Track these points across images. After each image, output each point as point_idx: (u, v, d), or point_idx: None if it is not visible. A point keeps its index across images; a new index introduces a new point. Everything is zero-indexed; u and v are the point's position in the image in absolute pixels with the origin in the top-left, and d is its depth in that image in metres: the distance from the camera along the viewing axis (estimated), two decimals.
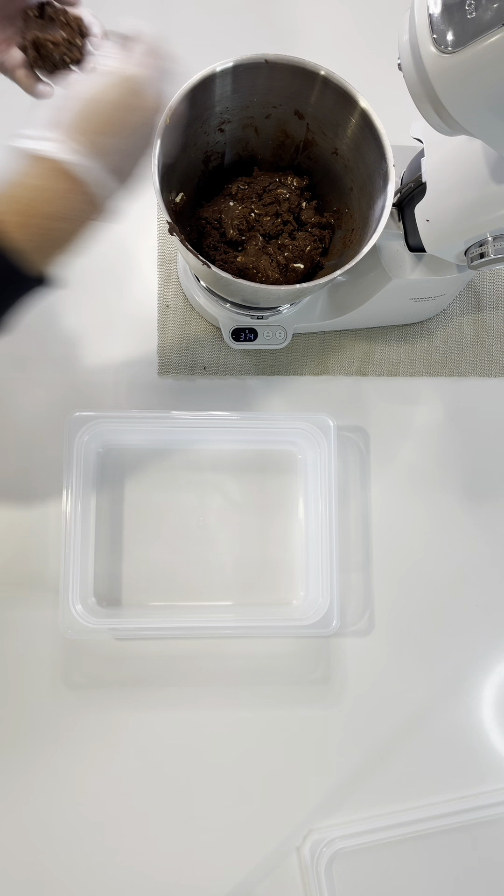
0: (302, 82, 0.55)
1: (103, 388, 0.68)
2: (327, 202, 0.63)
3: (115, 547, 0.65)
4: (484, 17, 0.34)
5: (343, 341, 0.71)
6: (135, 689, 0.63)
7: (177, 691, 0.64)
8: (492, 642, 0.67)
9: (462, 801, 0.64)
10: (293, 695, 0.65)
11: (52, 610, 0.63)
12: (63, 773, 0.62)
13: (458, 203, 0.51)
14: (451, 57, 0.36)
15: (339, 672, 0.65)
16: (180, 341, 0.69)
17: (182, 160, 0.58)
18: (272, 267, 0.60)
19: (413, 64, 0.38)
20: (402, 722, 0.65)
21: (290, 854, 0.62)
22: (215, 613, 0.65)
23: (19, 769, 0.62)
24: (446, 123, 0.40)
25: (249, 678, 0.64)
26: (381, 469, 0.69)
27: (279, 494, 0.67)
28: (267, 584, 0.66)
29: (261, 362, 0.70)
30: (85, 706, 0.63)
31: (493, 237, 0.52)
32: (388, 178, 0.53)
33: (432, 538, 0.68)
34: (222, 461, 0.67)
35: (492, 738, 0.66)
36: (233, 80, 0.55)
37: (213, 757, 0.63)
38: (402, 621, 0.67)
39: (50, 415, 0.66)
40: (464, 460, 0.70)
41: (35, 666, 0.63)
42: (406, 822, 0.62)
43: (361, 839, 0.61)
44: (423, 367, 0.72)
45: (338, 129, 0.57)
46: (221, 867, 0.62)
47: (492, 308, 0.73)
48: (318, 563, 0.63)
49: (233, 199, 0.62)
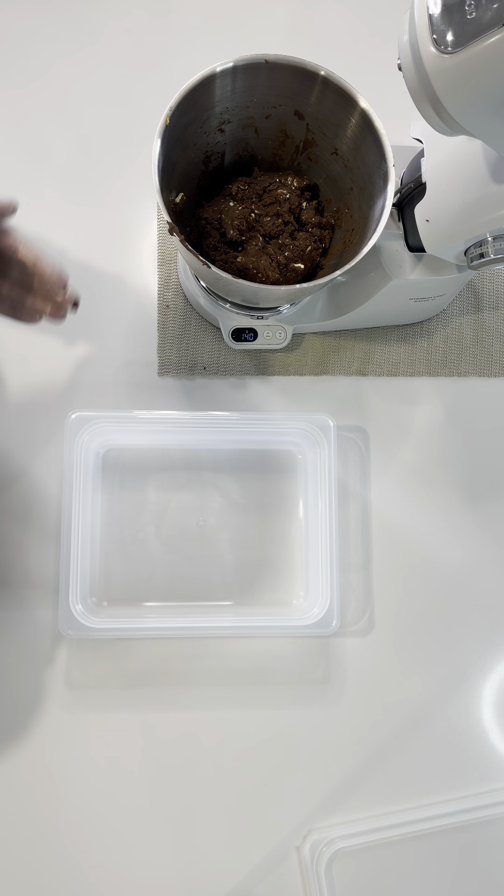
0: (302, 82, 0.55)
1: (103, 388, 0.68)
2: (327, 202, 0.63)
3: (114, 547, 0.65)
4: (484, 17, 0.34)
5: (343, 341, 0.71)
6: (135, 689, 0.63)
7: (177, 691, 0.64)
8: (492, 642, 0.67)
9: (462, 801, 0.64)
10: (293, 695, 0.65)
11: (52, 610, 0.64)
12: (63, 772, 0.62)
13: (458, 203, 0.51)
14: (451, 57, 0.36)
15: (339, 672, 0.65)
16: (180, 341, 0.69)
17: (182, 160, 0.58)
18: (272, 267, 0.60)
19: (413, 64, 0.38)
20: (401, 722, 0.65)
21: (290, 854, 0.62)
22: (215, 613, 0.65)
23: (19, 769, 0.62)
24: (446, 123, 0.40)
25: (249, 678, 0.64)
26: (381, 469, 0.69)
27: (279, 494, 0.67)
28: (267, 584, 0.66)
29: (261, 362, 0.70)
30: (85, 706, 0.63)
31: (492, 237, 0.52)
32: (388, 178, 0.53)
33: (432, 538, 0.68)
34: (222, 461, 0.67)
35: (492, 738, 0.66)
36: (233, 81, 0.55)
37: (212, 756, 0.63)
38: (402, 621, 0.67)
39: (50, 415, 0.66)
40: (464, 460, 0.70)
41: (35, 666, 0.63)
42: (406, 822, 0.62)
43: (361, 839, 0.61)
44: (423, 367, 0.72)
45: (338, 130, 0.57)
46: (221, 867, 0.62)
47: (492, 308, 0.73)
48: (318, 563, 0.63)
49: (233, 200, 0.62)
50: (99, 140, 0.72)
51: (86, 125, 0.73)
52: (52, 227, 0.70)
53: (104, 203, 0.71)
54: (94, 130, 0.73)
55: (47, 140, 0.72)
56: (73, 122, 0.73)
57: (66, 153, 0.72)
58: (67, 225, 0.71)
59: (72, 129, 0.72)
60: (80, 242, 0.70)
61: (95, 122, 0.73)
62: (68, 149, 0.72)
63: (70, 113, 0.73)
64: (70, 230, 0.70)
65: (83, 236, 0.70)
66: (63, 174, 0.72)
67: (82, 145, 0.72)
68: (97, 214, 0.71)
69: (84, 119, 0.73)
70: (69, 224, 0.71)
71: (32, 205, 0.71)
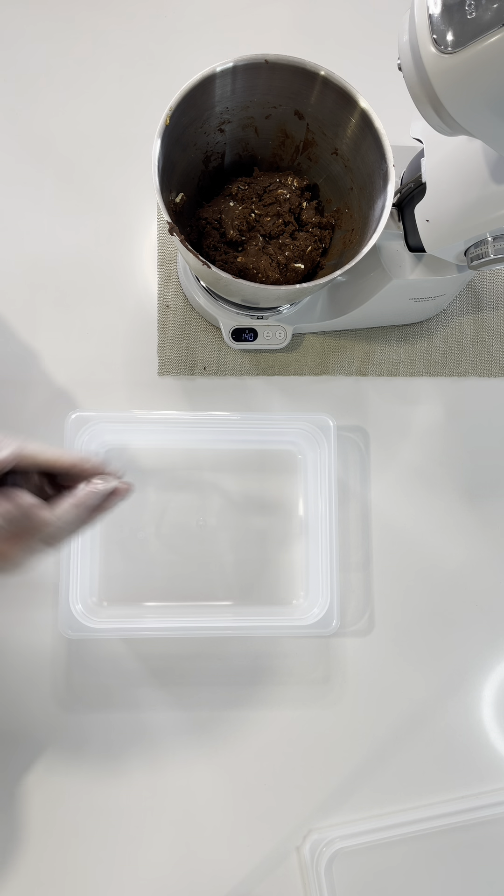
0: (302, 82, 0.55)
1: (103, 388, 0.68)
2: (327, 202, 0.63)
3: (114, 546, 0.65)
4: (484, 17, 0.34)
5: (343, 341, 0.71)
6: (134, 689, 0.63)
7: (177, 691, 0.64)
8: (492, 642, 0.67)
9: (462, 801, 0.64)
10: (293, 695, 0.65)
11: (52, 610, 0.64)
12: (62, 772, 0.62)
13: (458, 203, 0.51)
14: (451, 57, 0.36)
15: (339, 672, 0.65)
16: (180, 341, 0.69)
17: (182, 160, 0.58)
18: (272, 267, 0.60)
19: (413, 64, 0.38)
20: (402, 722, 0.65)
21: (290, 854, 0.62)
22: (215, 613, 0.65)
23: (19, 769, 0.62)
24: (446, 123, 0.40)
25: (249, 678, 0.64)
26: (381, 469, 0.69)
27: (279, 494, 0.67)
28: (267, 584, 0.66)
29: (261, 362, 0.70)
30: (84, 706, 0.63)
31: (492, 237, 0.52)
32: (388, 178, 0.53)
33: (432, 538, 0.68)
34: (222, 461, 0.67)
35: (492, 738, 0.66)
36: (233, 81, 0.55)
37: (212, 756, 0.63)
38: (402, 621, 0.67)
39: (50, 415, 0.66)
40: (464, 460, 0.70)
41: (35, 666, 0.63)
42: (406, 822, 0.62)
43: (361, 839, 0.61)
44: (423, 367, 0.72)
45: (338, 130, 0.57)
46: (221, 867, 0.62)
47: (492, 308, 0.73)
48: (318, 562, 0.63)
49: (233, 200, 0.62)
50: (99, 140, 0.72)
51: (86, 125, 0.73)
52: (52, 227, 0.70)
53: (104, 203, 0.71)
54: (94, 130, 0.73)
55: (47, 140, 0.72)
56: (73, 122, 0.72)
57: (66, 153, 0.72)
58: (67, 225, 0.71)
59: (72, 129, 0.72)
60: (80, 242, 0.70)
61: (95, 122, 0.73)
62: (68, 149, 0.72)
63: (70, 113, 0.73)
64: (70, 230, 0.70)
65: (83, 236, 0.70)
66: (63, 174, 0.71)
67: (82, 145, 0.72)
68: (97, 214, 0.71)
69: (84, 119, 0.73)
70: (69, 224, 0.71)
71: (33, 205, 0.71)
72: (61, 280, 0.69)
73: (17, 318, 0.68)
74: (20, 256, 0.70)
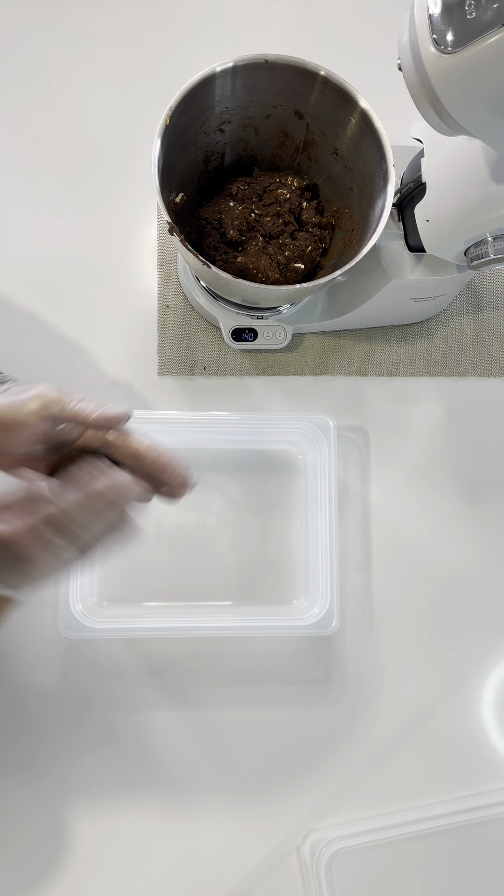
0: (302, 82, 0.55)
1: (103, 387, 0.68)
2: (327, 202, 0.63)
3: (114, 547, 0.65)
4: (484, 17, 0.34)
5: (343, 341, 0.71)
6: (134, 689, 0.63)
7: (177, 691, 0.64)
8: (492, 642, 0.67)
9: (462, 801, 0.64)
10: (293, 695, 0.65)
11: (52, 610, 0.64)
12: (62, 772, 0.62)
13: (458, 203, 0.51)
14: (451, 57, 0.36)
15: (339, 672, 0.65)
16: (180, 341, 0.69)
17: (182, 160, 0.58)
18: (272, 267, 0.60)
19: (413, 64, 0.38)
20: (401, 722, 0.65)
21: (290, 854, 0.62)
22: (215, 613, 0.65)
23: (19, 769, 0.62)
24: (446, 123, 0.40)
25: (249, 678, 0.64)
26: (381, 469, 0.69)
27: (279, 494, 0.67)
28: (267, 584, 0.66)
29: (261, 362, 0.70)
30: (84, 706, 0.63)
31: (492, 237, 0.52)
32: (388, 178, 0.53)
33: (432, 538, 0.68)
34: (222, 461, 0.67)
35: (492, 738, 0.66)
36: (233, 81, 0.55)
37: (212, 756, 0.63)
38: (403, 621, 0.67)
39: None
40: (464, 460, 0.70)
41: (35, 666, 0.63)
42: (406, 822, 0.62)
43: (361, 839, 0.61)
44: (423, 367, 0.72)
45: (338, 130, 0.57)
46: (221, 867, 0.62)
47: (492, 308, 0.73)
48: (318, 562, 0.63)
49: (233, 200, 0.62)
50: (99, 140, 0.72)
51: (85, 125, 0.73)
52: (52, 227, 0.70)
53: (104, 203, 0.71)
54: (94, 130, 0.73)
55: (47, 140, 0.72)
56: (73, 122, 0.72)
57: (65, 153, 0.72)
58: (67, 224, 0.71)
59: (72, 129, 0.72)
60: (80, 242, 0.70)
61: (95, 122, 0.73)
62: (68, 148, 0.72)
63: (70, 112, 0.73)
64: (70, 230, 0.70)
65: (83, 236, 0.70)
66: (63, 174, 0.71)
67: (82, 145, 0.72)
68: (97, 214, 0.71)
69: (84, 119, 0.73)
70: (69, 224, 0.71)
71: (33, 205, 0.71)
72: (61, 280, 0.69)
73: (17, 318, 0.68)
74: (20, 256, 0.70)
